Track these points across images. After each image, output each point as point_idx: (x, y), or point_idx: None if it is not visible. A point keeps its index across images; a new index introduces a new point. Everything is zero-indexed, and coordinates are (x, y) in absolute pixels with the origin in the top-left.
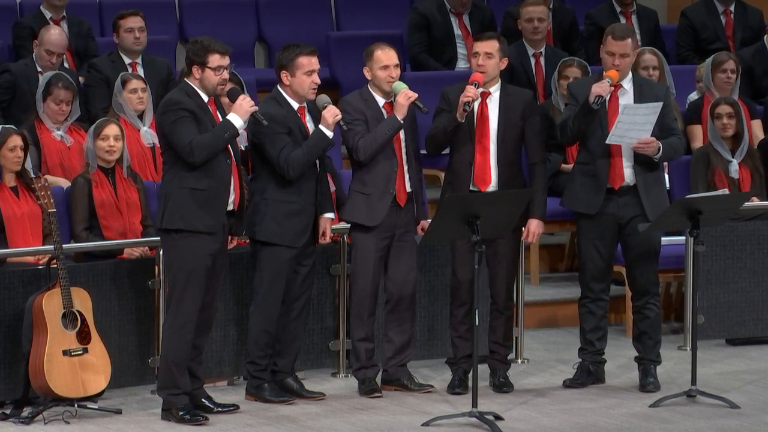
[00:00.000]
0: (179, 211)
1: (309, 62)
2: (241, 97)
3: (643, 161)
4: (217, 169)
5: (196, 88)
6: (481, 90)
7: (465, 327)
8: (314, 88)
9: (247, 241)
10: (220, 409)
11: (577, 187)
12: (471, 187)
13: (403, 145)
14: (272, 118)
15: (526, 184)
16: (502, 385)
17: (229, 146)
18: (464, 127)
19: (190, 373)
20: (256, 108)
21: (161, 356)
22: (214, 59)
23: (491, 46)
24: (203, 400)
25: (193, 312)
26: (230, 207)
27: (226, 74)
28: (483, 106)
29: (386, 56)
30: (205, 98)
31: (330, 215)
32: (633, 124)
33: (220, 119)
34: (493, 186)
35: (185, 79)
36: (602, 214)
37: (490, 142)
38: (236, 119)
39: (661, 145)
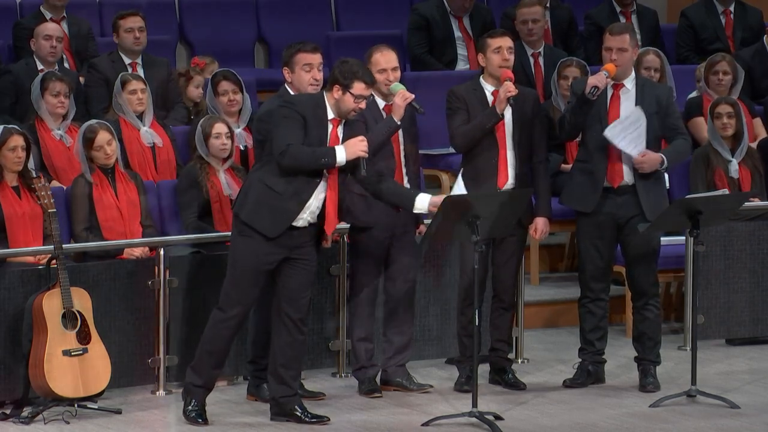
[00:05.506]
0: (247, 202)
1: (306, 57)
2: (360, 138)
3: None
4: (300, 181)
5: (328, 105)
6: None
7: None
8: (314, 84)
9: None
10: (308, 419)
11: (574, 184)
12: (495, 185)
13: (401, 147)
14: (291, 101)
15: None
16: (514, 383)
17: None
18: None
19: (283, 381)
20: (366, 155)
21: (201, 340)
22: (359, 87)
23: (510, 42)
24: (296, 407)
25: (238, 313)
26: (300, 223)
27: (363, 105)
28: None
29: (384, 59)
30: (331, 115)
31: None
32: (625, 131)
33: (340, 139)
34: (510, 184)
35: (324, 91)
36: (601, 214)
37: (506, 139)
38: (341, 154)
39: (665, 157)
